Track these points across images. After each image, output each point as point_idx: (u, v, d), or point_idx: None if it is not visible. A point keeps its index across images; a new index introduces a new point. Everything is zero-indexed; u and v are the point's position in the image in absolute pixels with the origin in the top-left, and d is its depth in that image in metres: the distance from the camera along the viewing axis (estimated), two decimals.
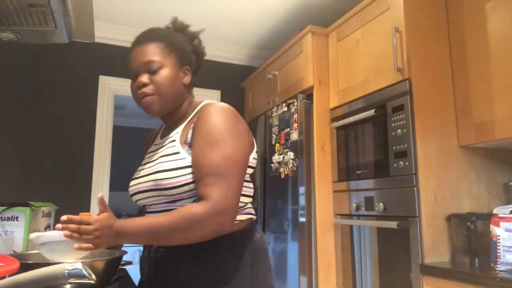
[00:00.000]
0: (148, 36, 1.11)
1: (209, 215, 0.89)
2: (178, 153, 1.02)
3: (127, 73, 1.12)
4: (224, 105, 1.05)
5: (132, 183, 1.12)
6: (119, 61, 2.98)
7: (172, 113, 1.13)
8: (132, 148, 4.96)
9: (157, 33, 1.13)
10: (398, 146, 1.75)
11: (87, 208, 2.72)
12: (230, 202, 0.92)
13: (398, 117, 1.76)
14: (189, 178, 0.99)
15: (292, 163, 2.27)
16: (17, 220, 1.33)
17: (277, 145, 2.46)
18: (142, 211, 1.23)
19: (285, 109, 2.42)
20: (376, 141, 1.90)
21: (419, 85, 1.73)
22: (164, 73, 1.07)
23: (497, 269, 1.36)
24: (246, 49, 3.36)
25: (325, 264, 2.12)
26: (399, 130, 1.75)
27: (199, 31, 1.22)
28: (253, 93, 3.17)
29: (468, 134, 1.71)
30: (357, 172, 2.01)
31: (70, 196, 2.64)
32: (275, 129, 2.53)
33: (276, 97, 2.68)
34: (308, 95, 2.33)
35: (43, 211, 1.48)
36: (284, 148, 2.37)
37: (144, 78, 1.06)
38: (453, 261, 1.63)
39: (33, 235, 0.93)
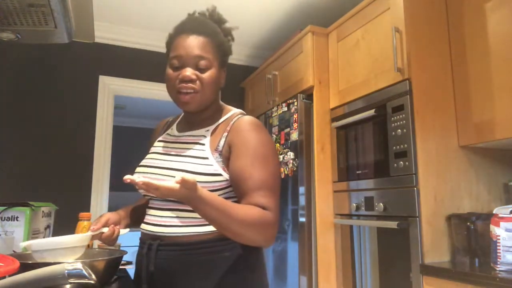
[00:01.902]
0: (200, 28, 1.07)
1: (275, 223, 0.97)
2: (207, 158, 1.03)
3: (127, 73, 1.13)
4: (258, 121, 1.10)
5: (142, 170, 1.10)
6: (119, 61, 2.99)
7: (201, 111, 1.12)
8: (132, 148, 4.97)
9: (208, 27, 1.10)
10: (398, 146, 1.75)
11: (87, 208, 2.72)
12: (279, 216, 1.00)
13: (398, 117, 1.76)
14: (210, 185, 0.99)
15: (292, 163, 2.27)
16: (17, 220, 1.33)
17: (277, 145, 2.47)
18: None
19: (285, 109, 2.42)
20: (376, 141, 1.90)
21: (419, 85, 1.73)
22: (212, 73, 1.06)
23: (497, 269, 1.36)
24: (246, 49, 3.36)
25: (325, 264, 2.12)
26: (399, 130, 1.75)
27: (233, 28, 1.19)
28: (253, 93, 3.17)
29: (468, 134, 1.71)
30: (357, 172, 2.01)
31: (70, 196, 2.64)
32: (275, 129, 2.53)
33: (276, 97, 2.68)
34: (308, 95, 2.33)
35: (43, 211, 1.47)
36: (284, 148, 2.37)
37: (192, 73, 1.04)
38: (453, 261, 1.63)
39: (23, 244, 0.93)
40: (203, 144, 1.06)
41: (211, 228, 1.01)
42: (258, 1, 2.62)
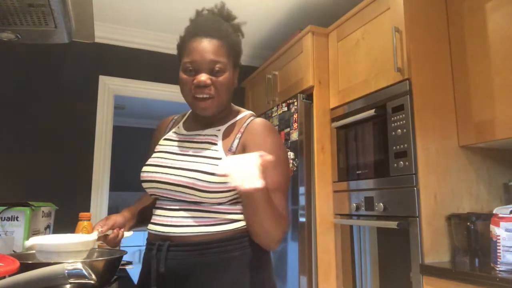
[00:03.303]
0: (214, 31, 1.07)
1: (288, 226, 1.03)
2: (220, 159, 1.02)
3: (127, 73, 1.12)
4: (271, 124, 1.12)
5: (150, 169, 1.08)
6: (119, 61, 2.99)
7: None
8: (132, 148, 4.96)
9: (221, 28, 1.09)
10: (398, 146, 1.75)
11: (87, 208, 2.72)
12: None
13: (398, 117, 1.76)
14: (225, 186, 0.99)
15: (292, 163, 2.27)
16: (17, 220, 1.33)
17: None
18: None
19: (285, 109, 2.42)
20: (376, 141, 1.90)
21: (419, 85, 1.73)
22: (226, 77, 1.06)
23: (497, 269, 1.36)
24: (246, 49, 3.36)
25: (325, 264, 2.12)
26: (399, 130, 1.75)
27: (241, 23, 1.17)
28: (253, 93, 3.17)
29: (468, 134, 1.71)
30: (357, 172, 2.01)
31: (70, 196, 2.64)
32: None
33: (276, 97, 2.68)
34: (308, 95, 2.33)
35: (43, 211, 1.48)
36: None
37: (207, 78, 1.03)
38: (453, 261, 1.63)
39: (28, 243, 0.92)
40: (216, 145, 1.06)
41: (222, 227, 1.01)
42: (258, 1, 2.62)
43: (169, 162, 1.07)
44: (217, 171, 0.98)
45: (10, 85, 2.69)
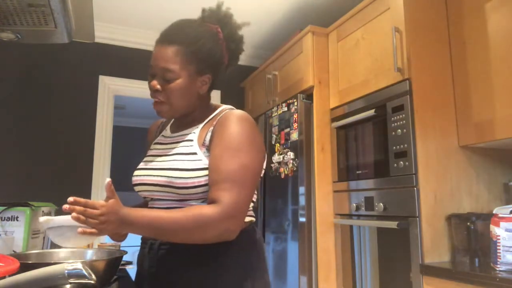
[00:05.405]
0: (172, 36, 1.07)
1: (218, 219, 0.91)
2: (195, 154, 1.03)
3: (127, 73, 1.12)
4: (244, 114, 1.06)
5: (138, 172, 1.11)
6: (119, 61, 2.99)
7: (185, 115, 1.12)
8: (132, 148, 4.96)
9: (183, 34, 1.07)
10: (398, 146, 1.75)
11: None
12: (239, 209, 0.94)
13: (398, 117, 1.76)
14: (202, 180, 0.99)
15: (292, 163, 2.27)
16: (17, 220, 1.33)
17: (277, 145, 2.47)
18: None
19: (285, 109, 2.42)
20: (376, 141, 1.90)
21: (419, 85, 1.73)
22: (178, 84, 1.04)
23: (497, 269, 1.36)
24: (246, 49, 3.33)
25: (325, 264, 2.12)
26: (399, 130, 1.75)
27: (240, 25, 1.16)
28: (253, 93, 3.17)
29: (468, 134, 1.71)
30: (357, 172, 2.01)
31: (70, 196, 2.63)
32: (275, 129, 2.53)
33: (276, 97, 2.68)
34: (308, 95, 2.33)
35: (43, 211, 1.47)
36: (284, 148, 2.37)
37: (157, 83, 1.05)
38: (453, 261, 1.63)
39: (42, 219, 0.93)
40: (191, 140, 1.06)
41: None
42: (258, 1, 2.62)
43: (154, 164, 1.09)
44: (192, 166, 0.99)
45: (10, 85, 2.69)
